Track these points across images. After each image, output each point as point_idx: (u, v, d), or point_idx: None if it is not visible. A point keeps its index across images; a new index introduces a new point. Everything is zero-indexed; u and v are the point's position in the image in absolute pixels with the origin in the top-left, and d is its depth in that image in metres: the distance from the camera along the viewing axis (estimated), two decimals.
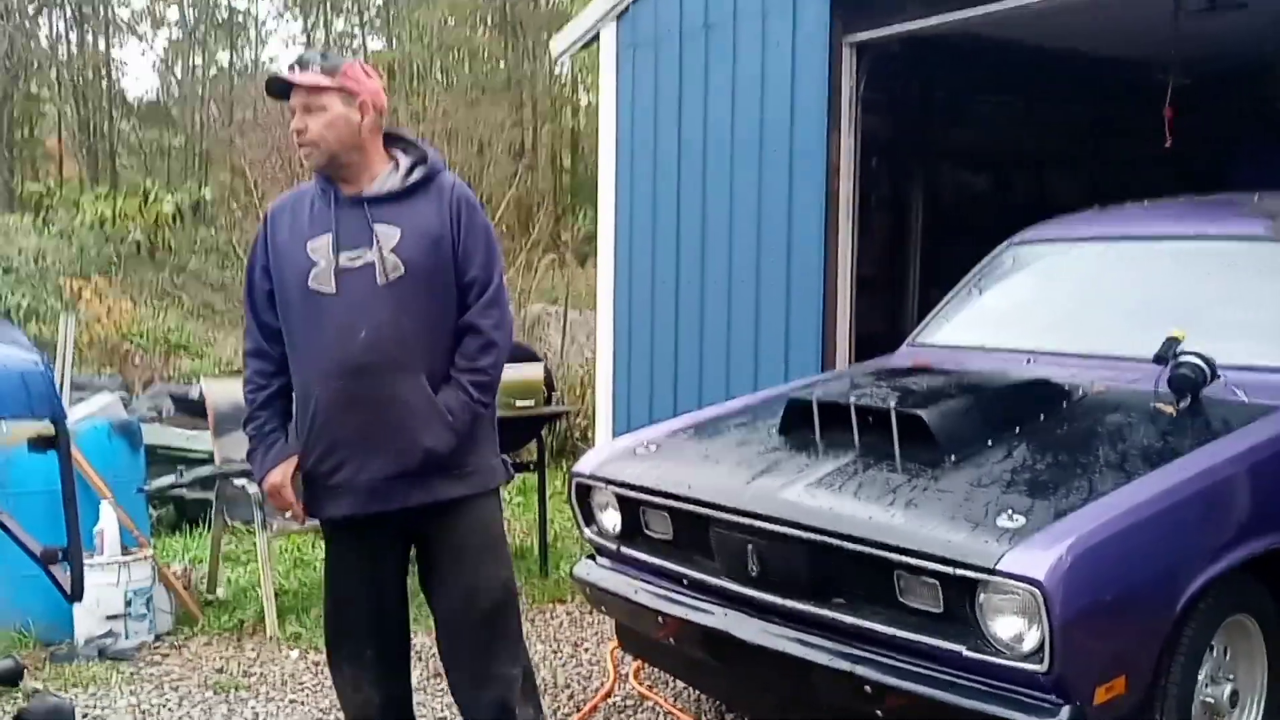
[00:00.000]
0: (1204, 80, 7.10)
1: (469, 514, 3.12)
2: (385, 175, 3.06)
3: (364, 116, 3.01)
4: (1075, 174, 8.80)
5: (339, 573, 3.22)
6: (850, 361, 5.86)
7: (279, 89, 3.04)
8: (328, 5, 26.45)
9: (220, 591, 5.48)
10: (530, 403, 5.58)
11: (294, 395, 3.11)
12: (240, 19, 25.92)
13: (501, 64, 23.58)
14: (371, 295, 2.96)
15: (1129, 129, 7.29)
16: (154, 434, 6.97)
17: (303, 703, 4.27)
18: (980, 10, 5.34)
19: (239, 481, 5.09)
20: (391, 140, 3.14)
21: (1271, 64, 7.73)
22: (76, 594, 2.93)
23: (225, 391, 5.64)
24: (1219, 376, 3.59)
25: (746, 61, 6.34)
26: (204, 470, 5.35)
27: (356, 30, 27.52)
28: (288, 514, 3.17)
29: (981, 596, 2.92)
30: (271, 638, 4.92)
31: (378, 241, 2.97)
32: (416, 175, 3.06)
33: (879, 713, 3.10)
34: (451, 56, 24.05)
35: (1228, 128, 8.20)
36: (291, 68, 3.05)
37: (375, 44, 26.99)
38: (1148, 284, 4.33)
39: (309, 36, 27.34)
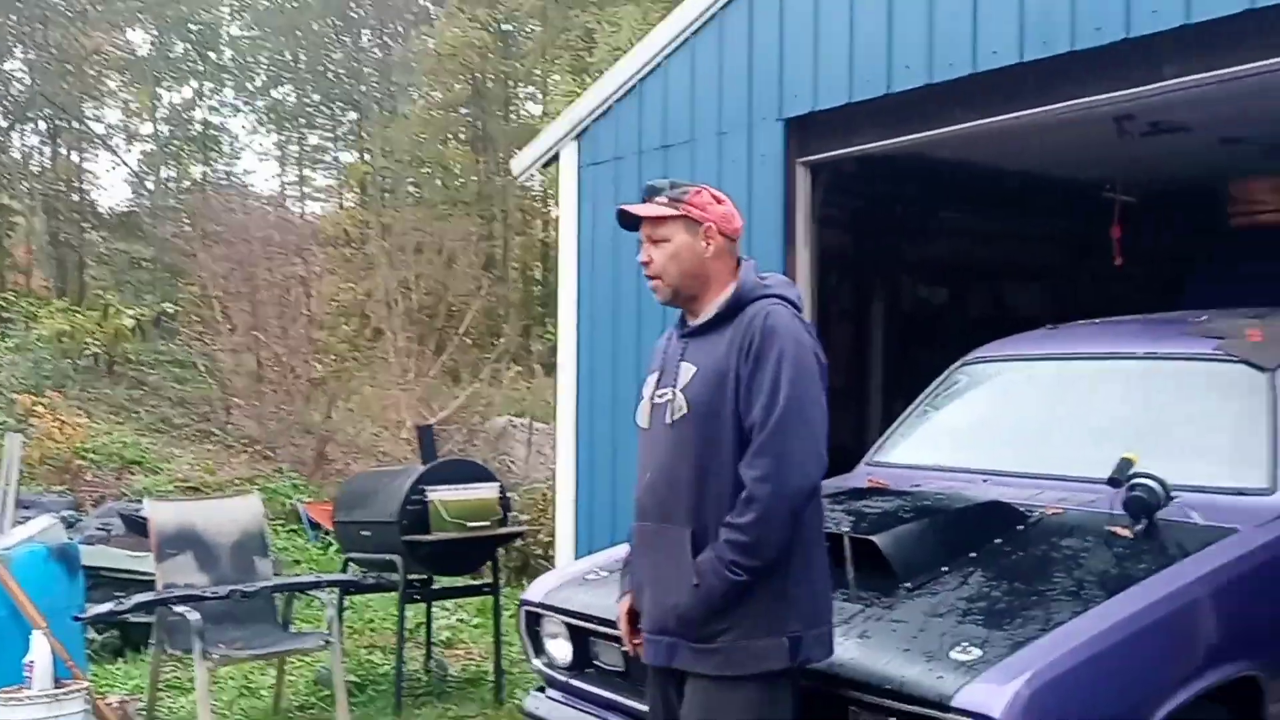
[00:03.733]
0: (1155, 200, 7.23)
1: (706, 699, 2.73)
2: (711, 307, 2.86)
3: (710, 244, 2.84)
4: (1033, 287, 8.89)
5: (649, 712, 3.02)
6: None
7: (625, 222, 2.92)
8: (301, 121, 26.79)
9: None
10: (484, 523, 5.47)
11: None
12: (214, 133, 26.18)
13: (473, 178, 23.86)
14: (661, 435, 2.84)
15: (1084, 246, 7.40)
16: (99, 555, 6.80)
17: None
18: (927, 134, 5.45)
19: (179, 608, 4.91)
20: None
21: (1218, 182, 7.89)
22: None
23: (170, 513, 5.53)
24: (1173, 498, 3.54)
25: (703, 180, 6.35)
26: (144, 596, 5.16)
27: (330, 144, 27.88)
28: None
29: None
30: None
31: (676, 379, 2.84)
32: (724, 305, 2.83)
33: None
34: (423, 171, 24.33)
35: (1178, 246, 8.33)
36: (644, 193, 2.93)
37: (347, 157, 27.34)
38: (1100, 403, 4.30)
39: (282, 150, 27.66)
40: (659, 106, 6.69)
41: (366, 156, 24.99)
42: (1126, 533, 3.51)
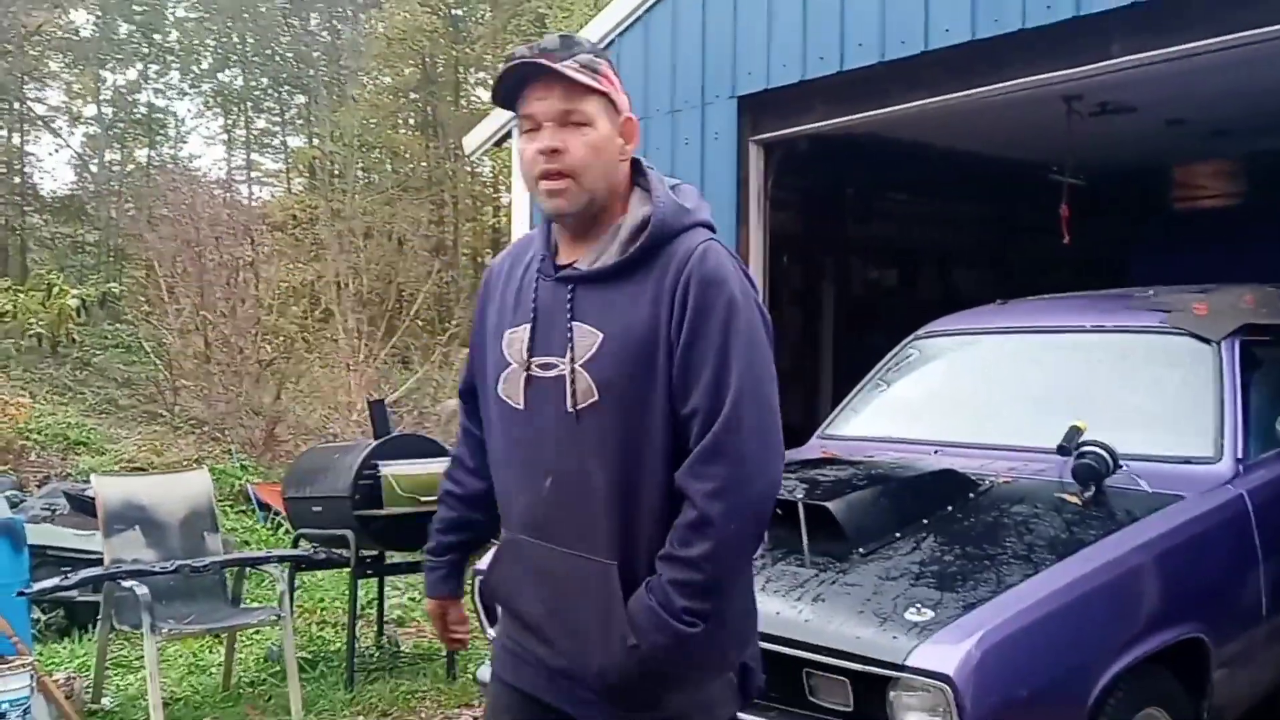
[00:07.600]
0: (1102, 181, 7.34)
1: None
2: (608, 238, 2.00)
3: (628, 143, 2.03)
4: (981, 269, 9.01)
5: None
6: None
7: (515, 84, 1.96)
8: (248, 105, 26.46)
9: (106, 701, 5.18)
10: (437, 498, 5.42)
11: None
12: (159, 116, 25.78)
13: (423, 163, 23.70)
14: (560, 426, 1.97)
15: (1032, 227, 7.49)
16: (45, 534, 6.68)
17: None
18: (878, 113, 5.49)
19: (127, 583, 4.85)
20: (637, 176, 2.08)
21: (1162, 165, 8.03)
22: None
23: (118, 489, 5.45)
24: (1121, 466, 3.61)
25: (657, 159, 6.36)
26: (91, 571, 5.09)
27: (277, 128, 27.56)
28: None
29: (892, 694, 2.84)
30: None
31: (572, 348, 1.96)
32: (640, 242, 1.96)
33: None
34: (373, 155, 24.12)
35: (1123, 229, 8.46)
36: (535, 50, 1.97)
37: (296, 142, 27.05)
38: (1049, 375, 4.38)
39: (229, 134, 27.30)
40: None
41: (315, 141, 24.71)
42: (1075, 499, 3.57)
